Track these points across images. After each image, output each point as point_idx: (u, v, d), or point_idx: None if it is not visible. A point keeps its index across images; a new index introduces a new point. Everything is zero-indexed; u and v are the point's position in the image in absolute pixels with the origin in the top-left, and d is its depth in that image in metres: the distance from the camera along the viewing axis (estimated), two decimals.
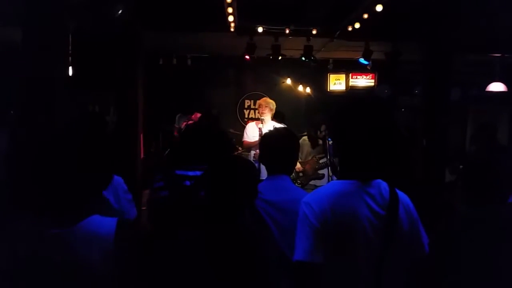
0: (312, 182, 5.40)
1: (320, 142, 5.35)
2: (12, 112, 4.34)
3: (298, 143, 2.41)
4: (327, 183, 1.72)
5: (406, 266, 1.58)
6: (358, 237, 1.50)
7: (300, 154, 5.67)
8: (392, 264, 1.52)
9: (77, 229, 1.37)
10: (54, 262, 1.33)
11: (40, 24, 2.86)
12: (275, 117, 6.01)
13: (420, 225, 1.63)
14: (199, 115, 6.67)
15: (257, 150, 5.14)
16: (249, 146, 5.46)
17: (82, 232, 1.37)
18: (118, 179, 2.35)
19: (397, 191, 1.61)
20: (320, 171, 5.26)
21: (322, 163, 5.13)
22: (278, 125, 5.02)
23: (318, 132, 5.44)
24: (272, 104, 5.42)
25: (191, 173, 2.06)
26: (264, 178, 2.25)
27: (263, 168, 4.69)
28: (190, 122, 6.48)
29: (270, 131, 2.42)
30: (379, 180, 1.60)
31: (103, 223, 1.42)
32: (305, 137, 5.69)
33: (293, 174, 5.50)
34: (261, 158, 2.36)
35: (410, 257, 1.59)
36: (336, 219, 1.49)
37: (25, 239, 1.34)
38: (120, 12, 4.09)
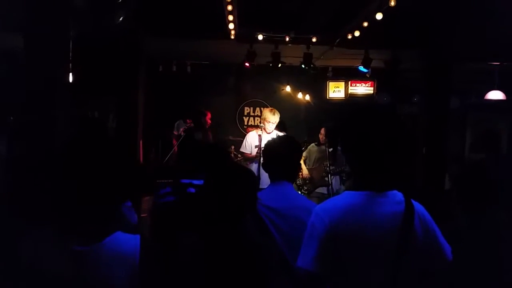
0: (318, 190, 5.36)
1: (323, 147, 5.34)
2: (11, 118, 4.34)
3: (301, 151, 2.42)
4: (340, 194, 1.68)
5: (422, 278, 1.53)
6: (370, 250, 1.46)
7: (307, 161, 5.68)
8: (407, 277, 1.48)
9: (101, 247, 1.33)
10: (77, 281, 1.29)
11: (42, 31, 2.87)
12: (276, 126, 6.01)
13: (439, 234, 1.56)
14: None
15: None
16: (249, 159, 5.47)
17: (106, 250, 1.33)
18: None
19: (413, 202, 1.56)
20: (327, 179, 5.14)
21: (330, 170, 5.01)
22: (280, 134, 5.01)
23: (320, 136, 5.45)
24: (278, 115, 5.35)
25: (196, 182, 2.08)
26: (264, 185, 2.26)
27: (263, 176, 4.71)
28: (183, 129, 6.48)
29: (273, 138, 2.44)
30: (395, 191, 1.56)
31: (127, 240, 1.38)
32: (313, 144, 5.70)
33: (300, 180, 5.50)
34: (264, 165, 2.37)
35: (430, 267, 1.54)
36: (346, 232, 1.46)
37: (47, 256, 1.30)
38: (121, 18, 4.11)
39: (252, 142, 5.44)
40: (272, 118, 5.17)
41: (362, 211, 1.49)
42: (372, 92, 7.63)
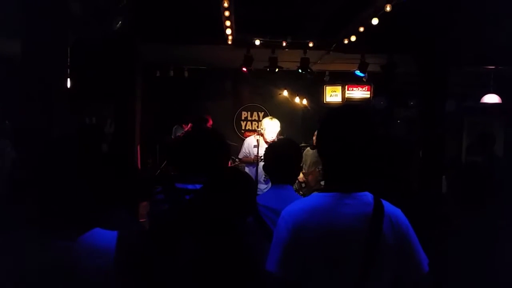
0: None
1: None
2: (7, 122, 4.34)
3: (301, 154, 2.44)
4: (308, 196, 1.63)
5: (395, 286, 1.44)
6: (335, 253, 1.41)
7: (303, 165, 5.67)
8: (376, 284, 1.41)
9: (79, 242, 1.40)
10: (56, 274, 1.34)
11: (40, 37, 2.88)
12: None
13: (415, 241, 1.47)
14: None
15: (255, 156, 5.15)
16: (247, 162, 5.49)
17: (84, 245, 1.40)
18: None
19: (385, 203, 1.49)
20: (323, 182, 5.16)
21: None
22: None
23: (314, 139, 5.45)
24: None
25: (190, 187, 2.06)
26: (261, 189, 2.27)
27: (260, 182, 4.70)
28: (181, 134, 6.49)
29: (274, 141, 2.46)
30: (364, 192, 1.50)
31: (104, 237, 1.43)
32: (308, 148, 5.70)
33: (296, 185, 5.50)
34: (265, 168, 2.39)
35: (403, 275, 1.45)
36: (310, 235, 1.42)
37: (28, 250, 1.36)
38: (118, 24, 4.12)
39: (250, 144, 5.46)
40: (272, 127, 5.17)
41: (327, 212, 1.44)
42: (368, 96, 7.68)
